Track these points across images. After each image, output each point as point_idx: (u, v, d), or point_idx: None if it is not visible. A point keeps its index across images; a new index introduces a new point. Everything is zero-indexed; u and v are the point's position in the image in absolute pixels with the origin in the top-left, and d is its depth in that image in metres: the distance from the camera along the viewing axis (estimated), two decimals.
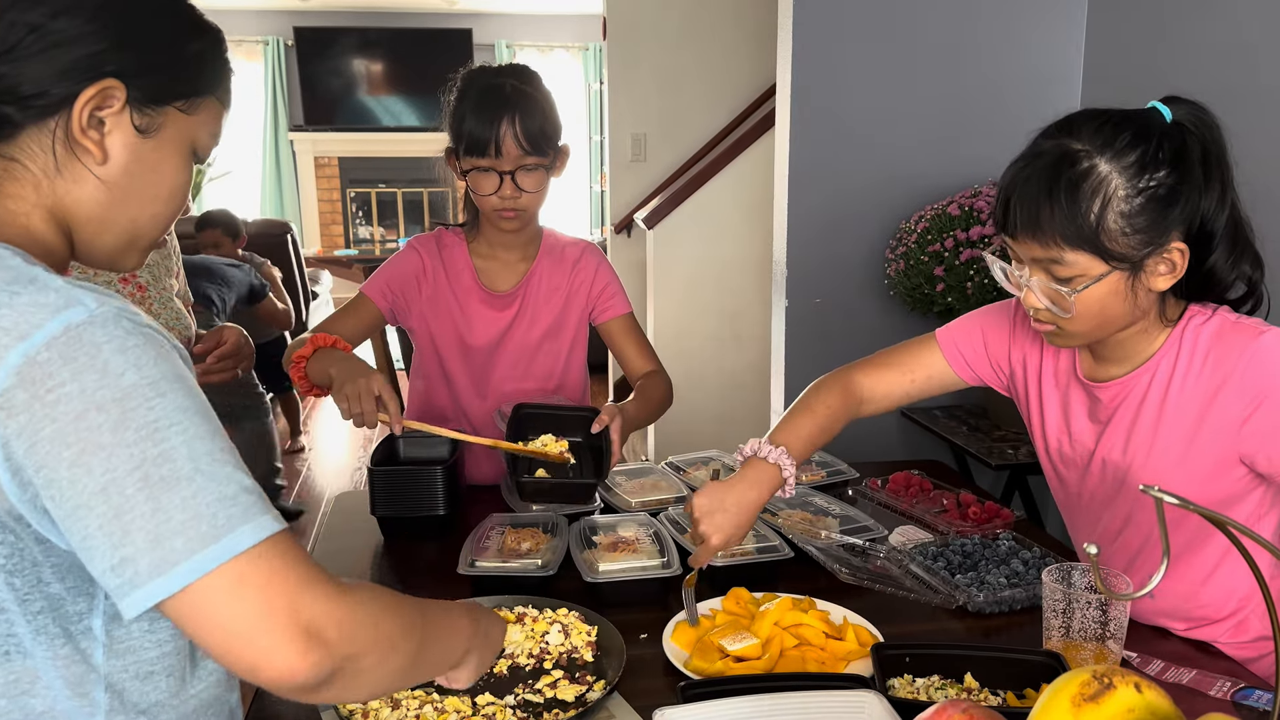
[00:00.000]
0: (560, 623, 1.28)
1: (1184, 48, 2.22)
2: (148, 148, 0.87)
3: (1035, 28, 2.56)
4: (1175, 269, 1.18)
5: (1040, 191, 1.15)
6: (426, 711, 1.12)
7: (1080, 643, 1.20)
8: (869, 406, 1.50)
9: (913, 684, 1.17)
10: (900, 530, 1.63)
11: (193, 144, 0.91)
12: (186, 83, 0.88)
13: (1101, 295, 1.18)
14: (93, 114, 0.83)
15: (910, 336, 2.71)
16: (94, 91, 0.82)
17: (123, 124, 0.85)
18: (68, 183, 0.85)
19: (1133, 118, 1.17)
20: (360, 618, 0.78)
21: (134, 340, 0.75)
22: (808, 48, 2.49)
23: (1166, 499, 0.83)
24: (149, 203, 0.89)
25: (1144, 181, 1.14)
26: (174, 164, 0.89)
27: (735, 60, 4.47)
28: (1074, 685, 0.83)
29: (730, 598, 1.37)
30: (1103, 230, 1.14)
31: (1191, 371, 1.23)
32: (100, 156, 0.85)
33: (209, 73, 0.91)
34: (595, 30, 5.22)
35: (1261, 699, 1.17)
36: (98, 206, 0.87)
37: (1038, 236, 1.17)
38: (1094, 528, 1.39)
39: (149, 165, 0.87)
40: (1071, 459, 1.38)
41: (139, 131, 0.86)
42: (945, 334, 1.50)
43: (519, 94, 1.69)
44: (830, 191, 2.57)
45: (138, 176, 0.87)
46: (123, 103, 0.84)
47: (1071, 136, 1.17)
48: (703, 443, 2.46)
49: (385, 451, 1.77)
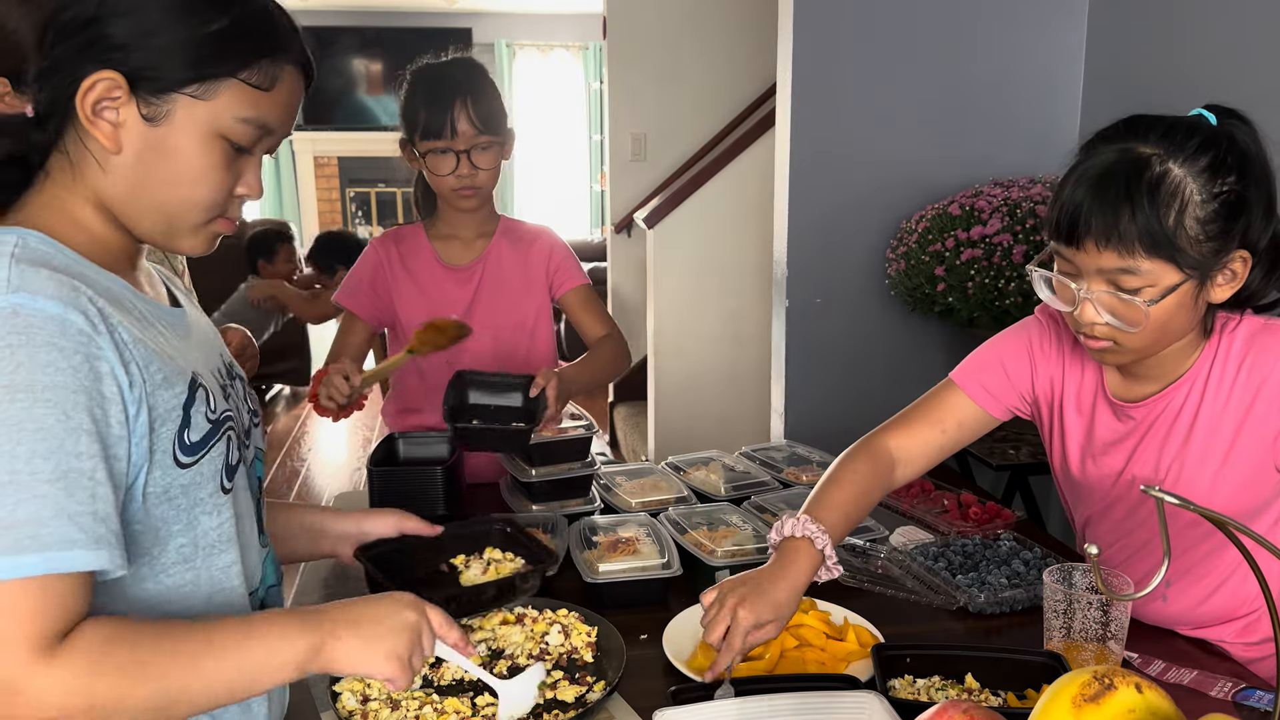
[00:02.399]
0: (560, 623, 1.28)
1: (1184, 48, 2.22)
2: (158, 135, 0.87)
3: (1036, 27, 2.56)
4: (1236, 278, 1.14)
5: (1119, 196, 1.09)
6: (426, 712, 1.11)
7: (1081, 643, 1.20)
8: (904, 469, 1.38)
9: (913, 685, 1.17)
10: (901, 531, 1.63)
11: (215, 129, 0.89)
12: (192, 68, 0.87)
13: (1171, 306, 1.13)
14: (96, 106, 0.85)
15: (911, 336, 2.73)
16: (90, 84, 0.84)
17: (131, 114, 0.86)
18: (95, 172, 0.88)
19: (1193, 124, 1.12)
20: (61, 687, 0.76)
21: (12, 339, 0.77)
22: (808, 48, 2.49)
23: (1167, 499, 0.83)
24: (172, 186, 0.89)
25: (1217, 186, 1.10)
26: (192, 149, 0.88)
27: (735, 60, 4.47)
28: (1075, 686, 0.83)
29: None
30: (1181, 236, 1.09)
31: (1227, 378, 1.21)
32: (114, 147, 0.87)
33: (225, 56, 0.88)
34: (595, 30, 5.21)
35: (1262, 699, 1.17)
36: (123, 192, 0.89)
37: (1115, 244, 1.10)
38: (1116, 540, 1.37)
39: (161, 151, 0.88)
40: (1097, 479, 1.35)
41: (146, 120, 0.87)
42: (962, 374, 1.40)
43: (469, 79, 1.80)
44: (830, 191, 2.57)
45: (152, 163, 0.88)
46: (127, 93, 0.86)
47: (1138, 140, 1.12)
48: (703, 443, 2.46)
49: (385, 451, 1.76)
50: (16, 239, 0.84)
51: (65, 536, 0.76)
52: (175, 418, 0.88)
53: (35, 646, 0.75)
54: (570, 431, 1.75)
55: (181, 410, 0.89)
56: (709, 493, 1.78)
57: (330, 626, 0.90)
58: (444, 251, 1.93)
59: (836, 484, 1.32)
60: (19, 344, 0.77)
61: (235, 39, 0.88)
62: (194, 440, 0.90)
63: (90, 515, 0.78)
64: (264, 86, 0.90)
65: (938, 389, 1.42)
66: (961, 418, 1.39)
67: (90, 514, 0.78)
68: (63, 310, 0.79)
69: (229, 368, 1.05)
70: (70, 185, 0.89)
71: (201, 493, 0.92)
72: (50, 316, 0.79)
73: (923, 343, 2.67)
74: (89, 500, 0.78)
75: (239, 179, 0.93)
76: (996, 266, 2.20)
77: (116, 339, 0.83)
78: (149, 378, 0.85)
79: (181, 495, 0.90)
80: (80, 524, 0.77)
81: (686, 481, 1.84)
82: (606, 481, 1.82)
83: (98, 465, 0.79)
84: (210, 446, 0.92)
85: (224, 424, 0.95)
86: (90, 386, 0.80)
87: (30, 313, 0.78)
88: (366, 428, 5.12)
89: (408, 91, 1.82)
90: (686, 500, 1.75)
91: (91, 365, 0.80)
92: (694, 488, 1.80)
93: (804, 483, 1.82)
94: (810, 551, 1.21)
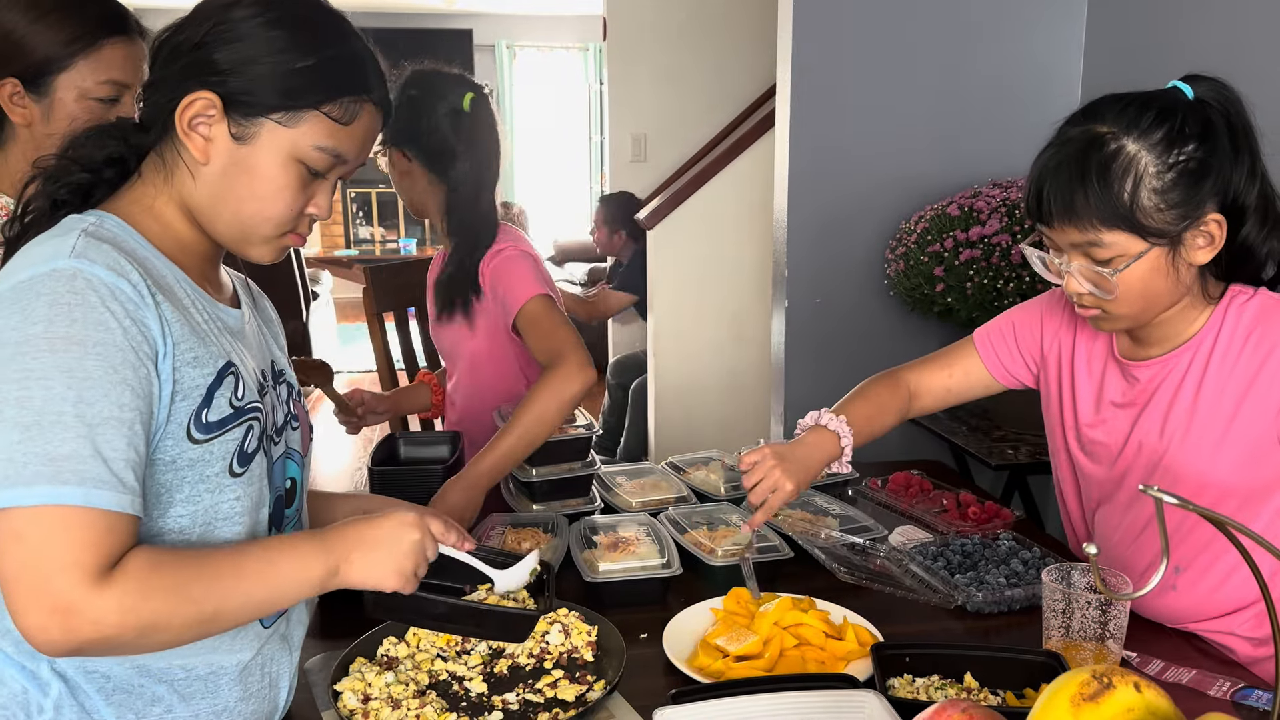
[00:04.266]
0: (560, 623, 1.28)
1: (1184, 47, 2.22)
2: (243, 153, 0.98)
3: (1035, 27, 2.56)
4: (1214, 240, 1.20)
5: (1073, 176, 1.18)
6: (427, 712, 1.12)
7: (1080, 642, 1.20)
8: (917, 401, 1.57)
9: (912, 684, 1.17)
10: (900, 530, 1.63)
11: (294, 154, 0.99)
12: (281, 97, 0.97)
13: (1143, 273, 1.20)
14: (193, 121, 0.96)
15: (910, 336, 2.73)
16: (189, 100, 0.95)
17: (221, 131, 0.97)
18: (184, 178, 0.99)
19: (1155, 97, 1.19)
20: (116, 607, 0.84)
21: (70, 299, 0.86)
22: (808, 48, 2.49)
23: (1166, 499, 0.83)
24: (249, 201, 0.99)
25: (1173, 156, 1.16)
26: (272, 169, 0.98)
27: (735, 60, 4.47)
28: (1073, 685, 0.83)
29: (730, 598, 1.37)
30: (1138, 208, 1.16)
31: (1233, 349, 1.25)
32: (204, 158, 0.98)
33: (311, 90, 0.98)
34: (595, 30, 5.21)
35: (1261, 699, 1.17)
36: (206, 200, 1.00)
37: (1074, 221, 1.19)
38: (1119, 524, 1.39)
39: (244, 168, 0.98)
40: (1104, 446, 1.38)
41: (235, 139, 0.97)
42: (981, 333, 1.55)
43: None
44: (830, 191, 2.57)
45: (234, 178, 0.98)
46: (220, 113, 0.96)
47: (1096, 120, 1.20)
48: (703, 443, 2.47)
49: (385, 451, 1.77)
50: (96, 219, 0.95)
51: (99, 476, 0.84)
52: (197, 396, 0.95)
53: (90, 571, 0.83)
54: (570, 431, 1.75)
55: (205, 391, 0.96)
56: (709, 493, 1.79)
57: (343, 550, 0.99)
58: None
59: (861, 398, 1.53)
60: (75, 303, 0.86)
61: (322, 76, 0.99)
62: (211, 420, 0.96)
63: (124, 462, 0.86)
64: (343, 120, 1.00)
65: (962, 340, 1.58)
66: (969, 368, 1.55)
67: (124, 461, 0.86)
68: (115, 278, 0.89)
69: (279, 373, 1.14)
70: (160, 186, 1.00)
71: (208, 470, 0.97)
72: (104, 281, 0.88)
73: (922, 343, 2.66)
74: (126, 448, 0.87)
75: (310, 200, 1.03)
76: (995, 267, 2.20)
77: (160, 312, 0.92)
78: (179, 354, 0.93)
79: (188, 469, 0.95)
80: (114, 469, 0.85)
81: (686, 481, 1.84)
82: (606, 481, 1.82)
83: (136, 418, 0.88)
84: (226, 430, 0.98)
85: (247, 412, 1.01)
86: (135, 346, 0.88)
87: (88, 276, 0.87)
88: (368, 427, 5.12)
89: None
90: (686, 500, 1.75)
91: (139, 328, 0.89)
92: (694, 488, 1.81)
93: None
94: (833, 441, 1.43)
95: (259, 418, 1.03)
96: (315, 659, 1.27)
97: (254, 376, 1.04)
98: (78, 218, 0.96)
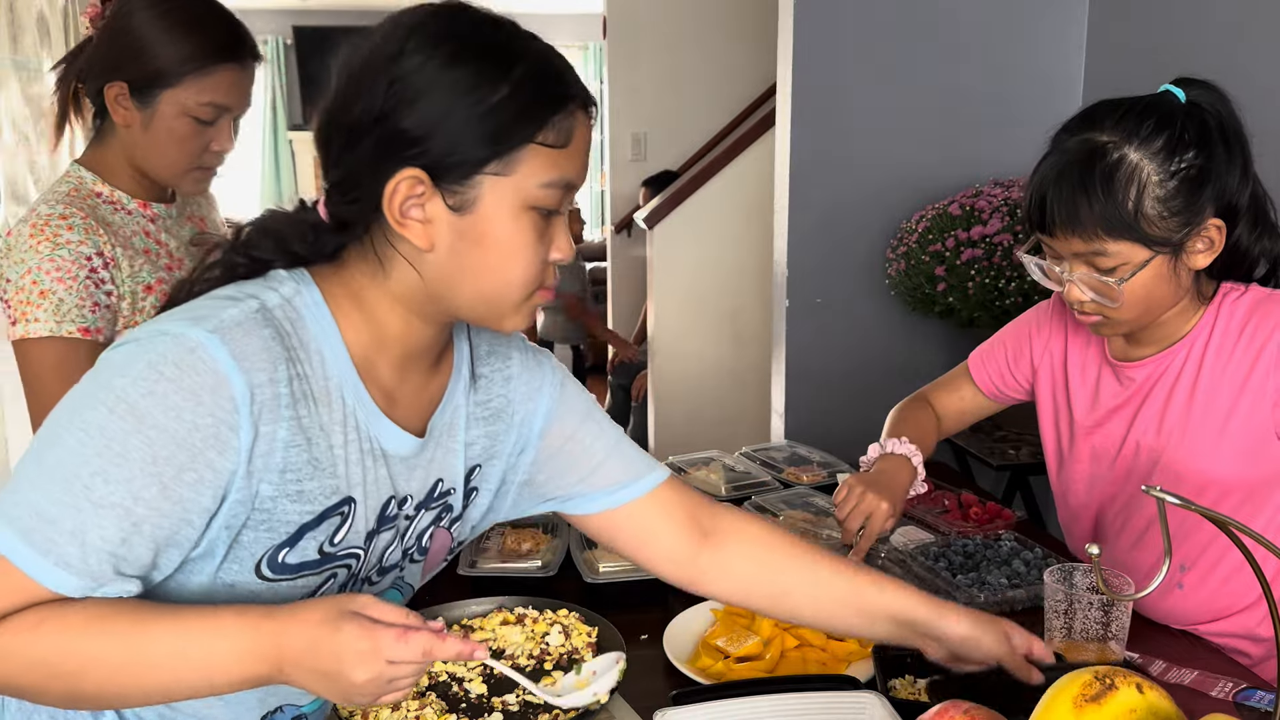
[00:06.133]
0: (560, 623, 1.28)
1: (1184, 47, 2.22)
2: (468, 223, 0.83)
3: (1036, 27, 2.56)
4: (1213, 245, 1.20)
5: (1075, 187, 1.17)
6: (427, 713, 1.11)
7: (1082, 643, 1.20)
8: (943, 424, 1.58)
9: (914, 685, 1.17)
10: (901, 531, 1.62)
11: (523, 200, 0.83)
12: (489, 147, 0.81)
13: (1146, 280, 1.20)
14: (404, 206, 0.82)
15: (911, 336, 2.73)
16: (394, 185, 0.81)
17: (438, 207, 0.82)
18: (403, 272, 0.85)
19: (1151, 104, 1.19)
20: None
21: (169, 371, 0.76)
22: (808, 48, 2.48)
23: (1167, 499, 0.83)
24: (490, 272, 0.84)
25: (1174, 164, 1.16)
26: (505, 229, 0.83)
27: (735, 60, 4.47)
28: (1076, 686, 0.83)
29: None
30: (1142, 217, 1.16)
31: (1227, 344, 1.25)
32: (427, 245, 0.83)
33: (518, 122, 0.81)
34: (595, 30, 5.21)
35: (1263, 700, 1.16)
36: (438, 288, 0.86)
37: (1078, 231, 1.18)
38: (1122, 527, 1.38)
39: (474, 239, 0.83)
40: (1103, 450, 1.38)
41: (454, 210, 0.82)
42: (975, 356, 1.56)
43: None
44: (830, 191, 2.57)
45: (465, 253, 0.84)
46: (430, 187, 0.81)
47: (1095, 129, 1.19)
48: (703, 443, 2.46)
49: None
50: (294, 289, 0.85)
51: (64, 557, 0.75)
52: (284, 532, 0.84)
53: None
54: None
55: (296, 528, 0.84)
56: (709, 493, 1.78)
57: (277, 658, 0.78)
58: None
59: (905, 424, 1.52)
60: (169, 375, 0.76)
61: (524, 102, 0.81)
62: (288, 562, 0.85)
63: (107, 555, 0.76)
64: (561, 144, 0.83)
65: (960, 365, 1.59)
66: (969, 393, 1.57)
67: (109, 554, 0.76)
68: (233, 374, 0.77)
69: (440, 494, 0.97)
70: (371, 278, 0.87)
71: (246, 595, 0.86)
72: (216, 372, 0.77)
73: (923, 343, 2.67)
74: (118, 543, 0.76)
75: (551, 246, 0.87)
76: (997, 266, 2.20)
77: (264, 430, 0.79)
78: (282, 484, 0.82)
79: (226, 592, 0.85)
80: (88, 557, 0.76)
81: (686, 481, 1.83)
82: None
83: (149, 517, 0.77)
84: (300, 575, 0.87)
85: (338, 559, 0.89)
86: (200, 450, 0.77)
87: (205, 357, 0.77)
88: None
89: None
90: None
91: (218, 434, 0.77)
92: (694, 488, 1.80)
93: (804, 483, 1.82)
94: (906, 464, 1.43)
95: (350, 566, 0.90)
96: None
97: (377, 511, 0.90)
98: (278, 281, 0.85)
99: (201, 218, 1.60)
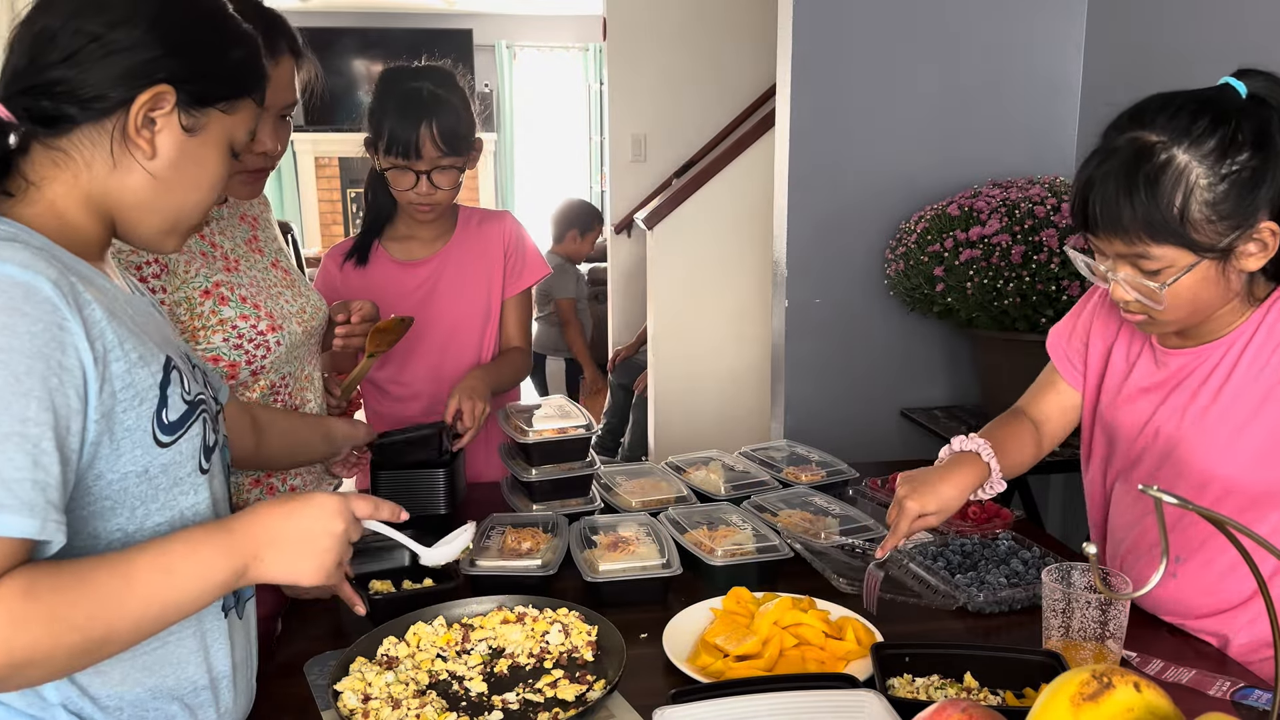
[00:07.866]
0: (560, 622, 1.28)
1: (1184, 47, 2.22)
2: (193, 145, 0.96)
3: (1035, 27, 2.56)
4: (1267, 248, 1.16)
5: (1119, 188, 1.14)
6: (427, 712, 1.12)
7: (1080, 642, 1.20)
8: (1044, 428, 1.50)
9: (912, 684, 1.17)
10: None
11: (230, 140, 1.00)
12: (228, 86, 0.97)
13: (1192, 284, 1.17)
14: (146, 115, 0.92)
15: (910, 336, 2.73)
16: (149, 95, 0.91)
17: (171, 124, 0.94)
18: (120, 174, 0.94)
19: (1208, 101, 1.14)
20: None
21: None
22: (808, 48, 2.49)
23: (1166, 499, 0.83)
24: (191, 192, 0.98)
25: (1225, 167, 1.12)
26: (215, 158, 0.99)
27: (735, 60, 4.47)
28: (1073, 685, 0.83)
29: (730, 598, 1.37)
30: (1188, 222, 1.13)
31: (1265, 350, 1.23)
32: (150, 152, 0.94)
33: (248, 77, 1.00)
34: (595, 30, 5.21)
35: (1261, 699, 1.17)
36: (145, 195, 0.95)
37: (1120, 233, 1.16)
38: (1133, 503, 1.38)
39: (193, 160, 0.97)
40: (1126, 425, 1.38)
41: (186, 130, 0.95)
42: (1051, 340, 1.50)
43: (435, 98, 1.80)
44: (830, 191, 2.57)
45: (182, 170, 0.96)
46: (172, 105, 0.93)
47: (1145, 128, 1.15)
48: (703, 442, 2.46)
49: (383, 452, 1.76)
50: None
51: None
52: (152, 397, 0.91)
53: None
54: (570, 431, 1.75)
55: (158, 389, 0.91)
56: (709, 492, 1.79)
57: (252, 548, 0.92)
58: (399, 250, 1.97)
59: (994, 430, 1.46)
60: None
61: (253, 63, 1.01)
62: (172, 420, 0.93)
63: (29, 482, 0.78)
64: (261, 105, 1.03)
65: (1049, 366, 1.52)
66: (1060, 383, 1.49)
67: (30, 480, 0.78)
68: (31, 278, 0.81)
69: (186, 355, 1.05)
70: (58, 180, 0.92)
71: (181, 472, 0.95)
72: (17, 282, 0.81)
73: (921, 343, 2.67)
74: (30, 467, 0.78)
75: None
76: (995, 267, 2.20)
77: (86, 315, 0.84)
78: (125, 354, 0.88)
79: (161, 474, 0.92)
80: (14, 489, 0.77)
81: (686, 481, 1.84)
82: (607, 481, 1.82)
83: (44, 433, 0.79)
84: (188, 426, 0.95)
85: (199, 405, 0.98)
86: (49, 354, 0.80)
87: (2, 276, 0.80)
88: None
89: (377, 96, 1.85)
90: (686, 500, 1.75)
91: (53, 334, 0.81)
92: (694, 487, 1.81)
93: (804, 482, 1.82)
94: (979, 464, 1.36)
95: (207, 408, 1.00)
96: (315, 659, 1.27)
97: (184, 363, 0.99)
98: None
99: (254, 218, 1.60)
